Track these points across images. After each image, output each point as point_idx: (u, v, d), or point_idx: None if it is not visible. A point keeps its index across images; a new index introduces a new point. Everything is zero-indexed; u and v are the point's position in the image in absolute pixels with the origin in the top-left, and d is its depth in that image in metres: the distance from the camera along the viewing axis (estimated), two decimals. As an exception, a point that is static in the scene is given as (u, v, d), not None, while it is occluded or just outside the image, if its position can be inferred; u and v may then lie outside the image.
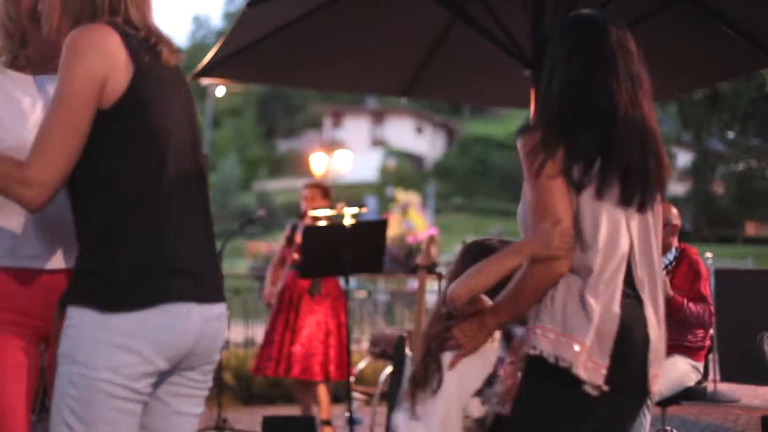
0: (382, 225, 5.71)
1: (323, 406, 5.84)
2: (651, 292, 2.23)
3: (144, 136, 1.89)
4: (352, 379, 5.56)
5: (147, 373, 1.85)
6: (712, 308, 4.70)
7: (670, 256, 4.79)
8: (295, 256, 5.82)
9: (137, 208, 1.88)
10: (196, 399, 2.04)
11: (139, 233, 1.87)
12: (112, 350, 1.81)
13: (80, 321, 1.83)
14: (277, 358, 5.74)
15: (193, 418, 2.04)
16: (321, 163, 21.69)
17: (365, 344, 6.80)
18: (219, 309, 2.00)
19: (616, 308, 2.16)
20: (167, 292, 1.86)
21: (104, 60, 1.84)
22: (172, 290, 1.87)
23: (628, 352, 2.17)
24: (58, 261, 2.14)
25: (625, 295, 2.19)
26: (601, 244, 2.17)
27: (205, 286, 1.96)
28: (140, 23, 1.97)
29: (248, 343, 8.63)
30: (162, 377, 1.92)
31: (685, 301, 4.57)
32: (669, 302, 4.23)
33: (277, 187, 49.78)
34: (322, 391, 5.82)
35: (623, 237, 2.21)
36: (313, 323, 5.74)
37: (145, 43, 1.94)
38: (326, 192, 6.10)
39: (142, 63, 1.90)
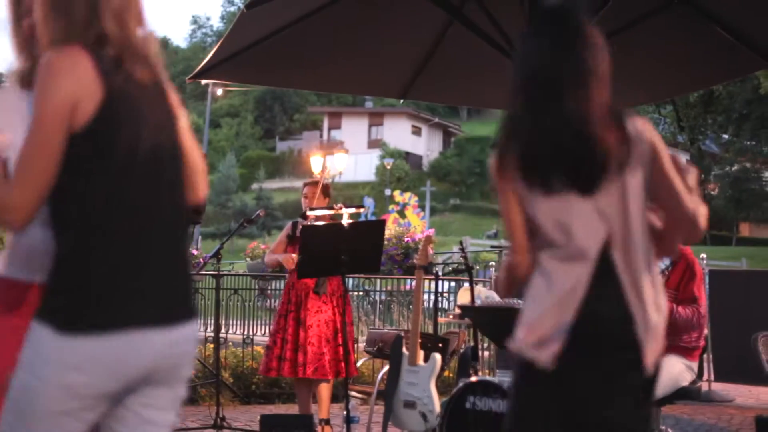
0: (379, 225, 5.75)
1: (323, 405, 5.85)
2: (632, 270, 2.25)
3: (112, 157, 1.91)
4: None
5: (98, 394, 1.89)
6: (702, 310, 4.73)
7: (666, 259, 4.81)
8: (294, 256, 5.84)
9: (103, 228, 1.90)
10: (168, 410, 2.05)
11: (103, 253, 1.89)
12: (65, 370, 1.84)
13: (39, 337, 1.87)
14: (292, 358, 5.73)
15: (164, 427, 2.06)
16: (319, 164, 21.69)
17: (362, 343, 6.83)
18: (186, 330, 2.01)
19: (580, 291, 2.23)
20: (125, 318, 1.88)
21: (74, 85, 1.88)
22: (130, 316, 1.89)
23: (593, 332, 2.23)
24: None
25: (598, 277, 2.24)
26: (560, 235, 2.27)
27: (170, 308, 1.98)
28: (117, 37, 1.98)
29: (246, 342, 8.65)
30: (121, 395, 1.95)
31: (675, 306, 4.61)
32: None
33: (276, 187, 49.81)
34: (324, 390, 5.83)
35: (588, 222, 2.25)
36: (322, 322, 5.74)
37: (116, 62, 1.96)
38: (326, 191, 6.13)
39: (113, 85, 1.92)
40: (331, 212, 5.67)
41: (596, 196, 2.25)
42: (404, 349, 5.14)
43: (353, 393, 6.47)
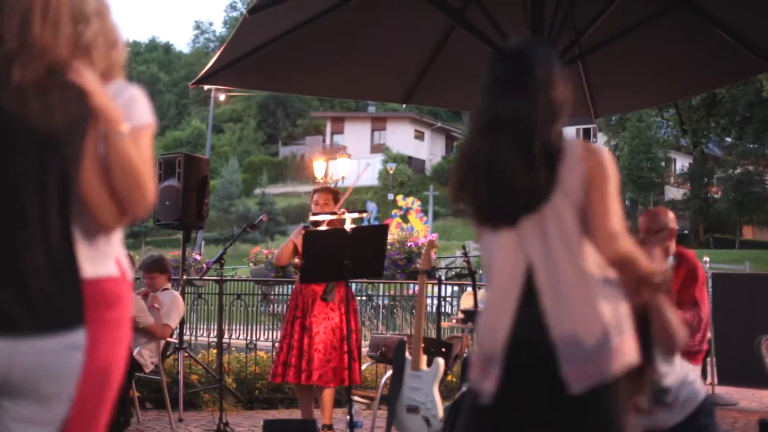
0: (382, 230, 5.75)
1: (326, 411, 5.83)
2: (557, 297, 2.30)
3: None
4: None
5: None
6: (704, 313, 4.72)
7: (668, 261, 4.80)
8: (297, 260, 5.83)
9: None
10: (39, 425, 1.99)
11: None
12: None
13: None
14: (297, 364, 5.71)
15: None
16: (322, 169, 21.72)
17: (365, 348, 6.83)
18: (40, 344, 1.93)
19: (505, 324, 2.32)
20: None
21: None
22: None
23: (514, 362, 2.31)
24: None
25: (523, 306, 2.32)
26: (490, 270, 2.42)
27: (11, 317, 1.90)
28: (14, 38, 1.96)
29: (249, 347, 8.65)
30: None
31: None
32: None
33: (279, 192, 49.86)
34: (327, 396, 5.81)
35: (511, 255, 2.35)
36: (329, 329, 5.72)
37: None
38: (337, 196, 6.10)
39: None
40: (334, 217, 5.66)
41: (517, 228, 2.34)
42: (407, 354, 5.14)
43: (356, 398, 6.47)
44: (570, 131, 52.43)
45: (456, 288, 10.54)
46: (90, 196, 2.07)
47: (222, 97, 42.16)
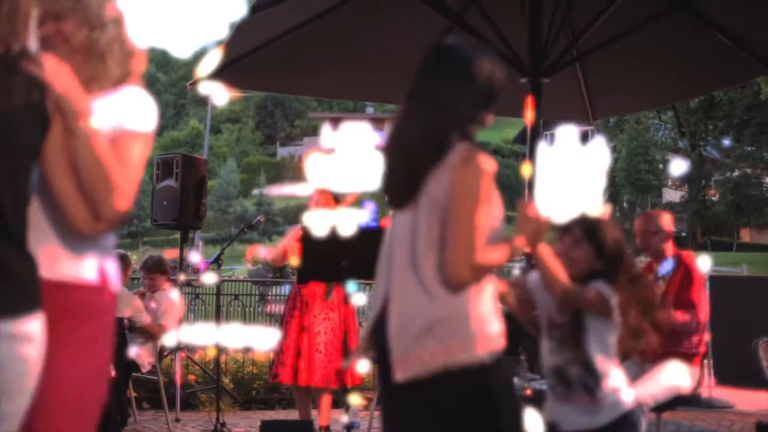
0: (380, 231, 5.73)
1: (324, 413, 5.80)
2: (400, 288, 2.41)
3: None
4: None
5: None
6: (700, 317, 4.71)
7: (668, 265, 4.79)
8: (294, 261, 5.82)
9: None
10: None
11: None
12: None
13: None
14: (292, 365, 5.69)
15: None
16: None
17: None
18: None
19: (377, 305, 2.48)
20: None
21: None
22: None
23: (372, 340, 2.50)
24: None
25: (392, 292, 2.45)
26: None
27: None
28: None
29: (247, 347, 8.63)
30: None
31: (672, 312, 4.59)
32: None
33: (277, 192, 49.81)
34: (325, 397, 5.79)
35: (388, 239, 2.57)
36: (329, 329, 5.71)
37: None
38: (337, 197, 6.06)
39: None
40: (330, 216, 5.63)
41: (399, 213, 2.50)
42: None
43: (353, 399, 6.44)
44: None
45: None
46: (57, 192, 2.00)
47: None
